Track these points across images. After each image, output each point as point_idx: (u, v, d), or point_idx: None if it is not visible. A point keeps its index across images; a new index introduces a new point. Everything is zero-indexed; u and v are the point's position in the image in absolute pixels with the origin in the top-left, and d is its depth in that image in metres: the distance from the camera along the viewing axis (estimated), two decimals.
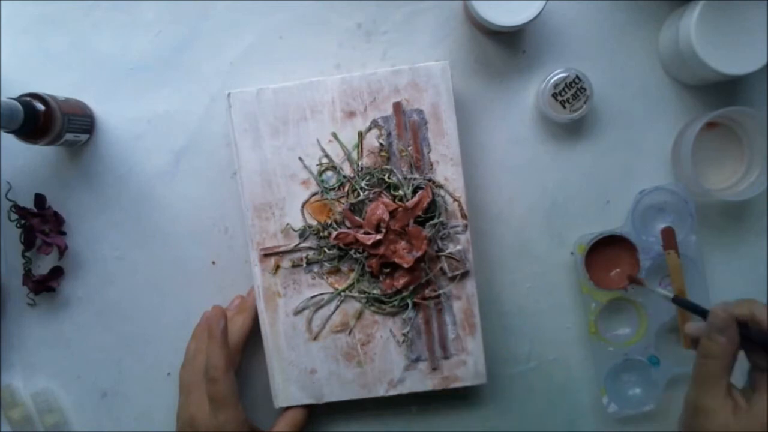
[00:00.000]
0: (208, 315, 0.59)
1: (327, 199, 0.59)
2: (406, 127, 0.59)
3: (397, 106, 0.59)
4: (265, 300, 0.60)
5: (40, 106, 0.55)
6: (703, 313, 0.51)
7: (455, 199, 0.59)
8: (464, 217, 0.59)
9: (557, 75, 0.59)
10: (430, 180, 0.59)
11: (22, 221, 0.63)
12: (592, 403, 0.64)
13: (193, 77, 0.63)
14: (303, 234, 0.59)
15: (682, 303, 0.55)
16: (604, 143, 0.63)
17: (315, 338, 0.60)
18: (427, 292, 0.59)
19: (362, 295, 0.60)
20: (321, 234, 0.59)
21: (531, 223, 0.63)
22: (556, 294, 0.64)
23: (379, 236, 0.58)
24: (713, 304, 0.62)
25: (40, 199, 0.63)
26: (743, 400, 0.47)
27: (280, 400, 0.61)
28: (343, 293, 0.60)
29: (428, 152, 0.59)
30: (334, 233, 0.59)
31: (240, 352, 0.61)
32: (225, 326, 0.58)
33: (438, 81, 0.58)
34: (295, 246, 0.60)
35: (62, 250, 0.63)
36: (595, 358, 0.62)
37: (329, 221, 0.59)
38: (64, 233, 0.64)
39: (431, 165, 0.59)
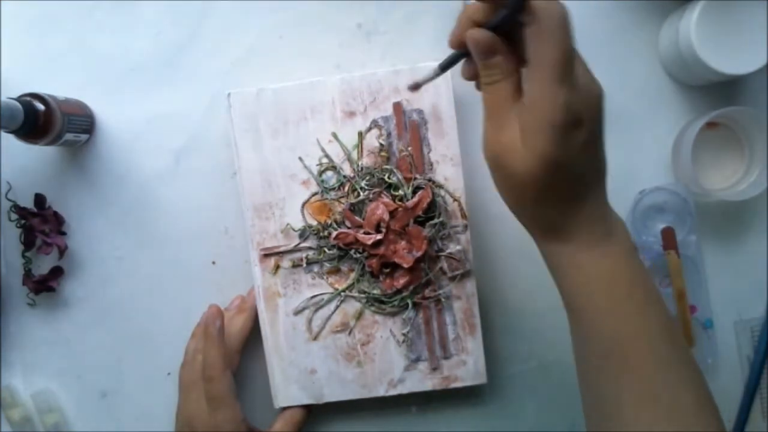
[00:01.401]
0: (206, 315, 0.59)
1: (327, 199, 0.59)
2: (406, 127, 0.59)
3: (397, 106, 0.59)
4: (265, 300, 0.60)
5: (40, 106, 0.55)
6: (467, 54, 0.43)
7: (455, 199, 0.59)
8: (464, 217, 0.59)
9: None
10: (430, 180, 0.59)
11: (22, 221, 0.63)
12: None
13: (193, 77, 0.63)
14: (303, 234, 0.59)
15: (446, 65, 0.46)
16: (605, 143, 0.63)
17: (315, 338, 0.60)
18: (427, 292, 0.59)
19: (362, 295, 0.60)
20: (321, 234, 0.59)
21: None
22: (556, 294, 0.63)
23: (379, 236, 0.58)
24: (713, 304, 0.62)
25: (40, 199, 0.63)
26: (520, 106, 0.40)
27: (280, 400, 0.61)
28: (343, 293, 0.60)
29: (428, 152, 0.59)
30: (334, 233, 0.59)
31: (239, 352, 0.61)
32: (221, 325, 0.58)
33: (438, 81, 0.58)
34: (295, 246, 0.60)
35: (62, 250, 0.63)
36: None
37: (329, 221, 0.59)
38: (64, 233, 0.64)
39: (431, 165, 0.59)
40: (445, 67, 0.47)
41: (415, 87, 0.50)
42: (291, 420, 0.60)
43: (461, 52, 0.44)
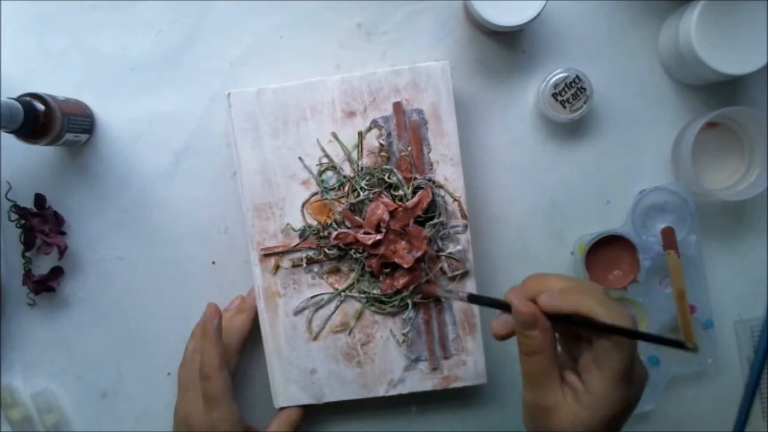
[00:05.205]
0: (205, 314, 0.59)
1: (327, 199, 0.59)
2: (406, 127, 0.59)
3: (397, 106, 0.59)
4: (265, 300, 0.60)
5: (40, 106, 0.55)
6: (504, 306, 0.47)
7: (455, 199, 0.59)
8: (464, 217, 0.59)
9: (557, 75, 0.59)
10: (430, 180, 0.59)
11: (22, 221, 0.63)
12: None
13: (193, 77, 0.63)
14: (303, 234, 0.59)
15: (478, 300, 0.50)
16: (604, 143, 0.63)
17: (315, 338, 0.60)
18: None
19: (362, 295, 0.60)
20: (321, 234, 0.59)
21: (531, 223, 0.63)
22: None
23: (379, 236, 0.58)
24: (713, 304, 0.62)
25: (40, 199, 0.63)
26: (578, 380, 0.44)
27: (280, 400, 0.61)
28: (343, 293, 0.60)
29: (428, 152, 0.59)
30: (334, 233, 0.59)
31: (238, 352, 0.61)
32: (219, 324, 0.58)
33: (438, 81, 0.58)
34: (295, 246, 0.60)
35: (62, 250, 0.63)
36: None
37: (329, 221, 0.59)
38: (64, 233, 0.64)
39: (431, 165, 0.59)
40: (475, 300, 0.49)
41: (431, 291, 0.55)
42: (287, 420, 0.60)
43: (502, 304, 0.46)
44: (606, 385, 0.42)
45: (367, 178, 0.59)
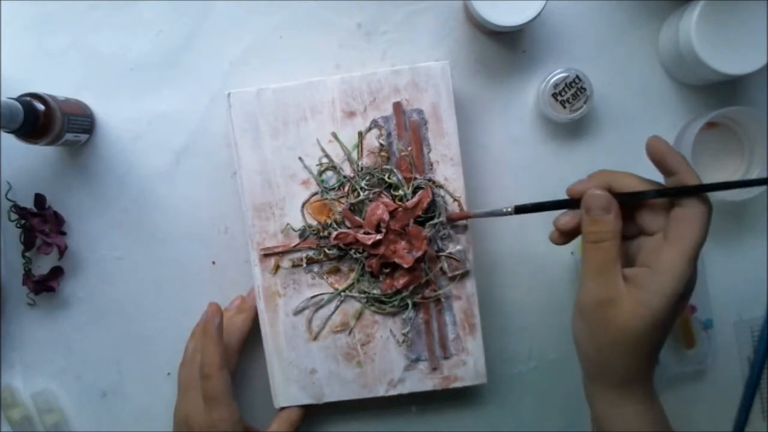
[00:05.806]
0: (206, 313, 0.59)
1: (327, 199, 0.59)
2: (406, 127, 0.59)
3: (397, 106, 0.59)
4: (265, 300, 0.60)
5: (40, 106, 0.55)
6: (561, 205, 0.48)
7: (455, 199, 0.59)
8: None
9: (557, 75, 0.59)
10: (430, 180, 0.59)
11: (22, 221, 0.63)
12: None
13: (193, 77, 0.63)
14: (303, 234, 0.59)
15: (532, 208, 0.50)
16: (604, 143, 0.63)
17: (315, 338, 0.60)
18: (427, 292, 0.59)
19: (362, 295, 0.60)
20: (321, 234, 0.59)
21: (531, 223, 0.63)
22: (556, 294, 0.64)
23: (379, 236, 0.58)
24: (713, 304, 0.62)
25: (40, 199, 0.63)
26: (638, 270, 0.44)
27: (280, 400, 0.61)
28: (343, 293, 0.60)
29: (428, 152, 0.59)
30: (334, 233, 0.59)
31: (238, 352, 0.61)
32: (220, 323, 0.58)
33: (438, 81, 0.58)
34: (295, 246, 0.60)
35: (62, 250, 0.63)
36: None
37: (329, 221, 0.59)
38: (64, 233, 0.64)
39: (431, 165, 0.59)
40: (526, 209, 0.50)
41: (460, 216, 0.56)
42: (288, 420, 0.61)
43: (560, 202, 0.48)
44: (679, 260, 0.42)
45: (367, 178, 0.59)
